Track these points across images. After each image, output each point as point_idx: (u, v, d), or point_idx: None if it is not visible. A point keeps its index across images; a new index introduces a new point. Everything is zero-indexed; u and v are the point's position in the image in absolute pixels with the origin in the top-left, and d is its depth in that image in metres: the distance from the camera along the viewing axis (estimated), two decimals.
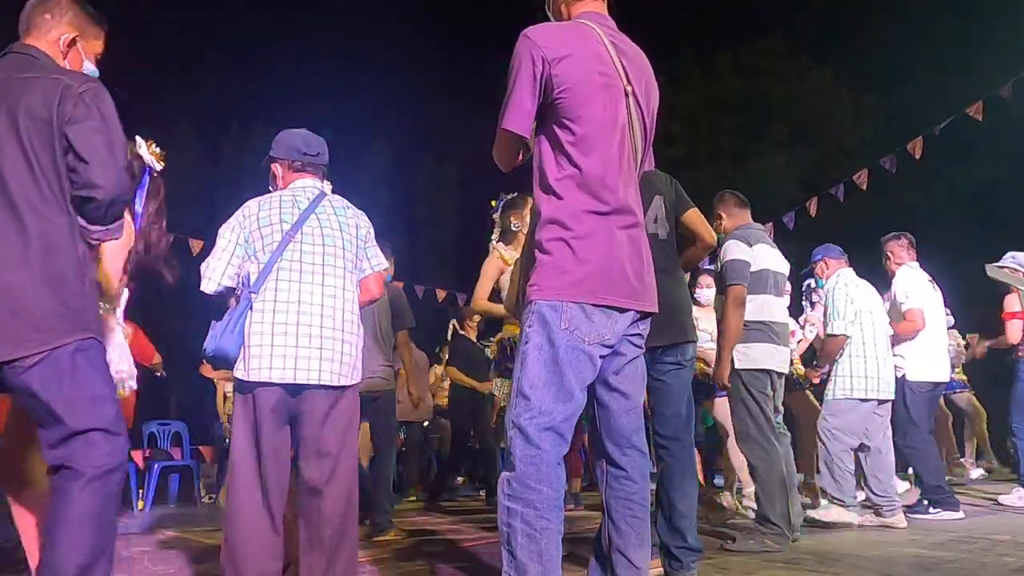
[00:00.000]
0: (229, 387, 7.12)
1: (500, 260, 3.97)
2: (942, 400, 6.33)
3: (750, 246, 3.71)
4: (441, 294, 9.37)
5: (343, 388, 2.42)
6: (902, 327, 4.65)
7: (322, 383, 2.35)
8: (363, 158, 19.25)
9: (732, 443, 5.03)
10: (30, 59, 1.93)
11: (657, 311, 1.99)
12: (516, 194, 4.03)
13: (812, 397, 5.58)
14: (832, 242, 4.84)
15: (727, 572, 3.03)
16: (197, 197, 16.41)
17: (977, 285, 5.41)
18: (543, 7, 2.11)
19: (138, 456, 6.98)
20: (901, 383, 4.63)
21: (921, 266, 4.95)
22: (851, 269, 4.64)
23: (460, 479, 9.31)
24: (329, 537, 2.34)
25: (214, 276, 2.42)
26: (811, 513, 4.29)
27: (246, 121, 18.22)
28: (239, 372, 2.32)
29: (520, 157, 1.98)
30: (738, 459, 5.12)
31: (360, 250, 2.57)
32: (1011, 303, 5.22)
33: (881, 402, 4.48)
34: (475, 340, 6.46)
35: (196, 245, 7.69)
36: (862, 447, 4.46)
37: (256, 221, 2.44)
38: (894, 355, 4.64)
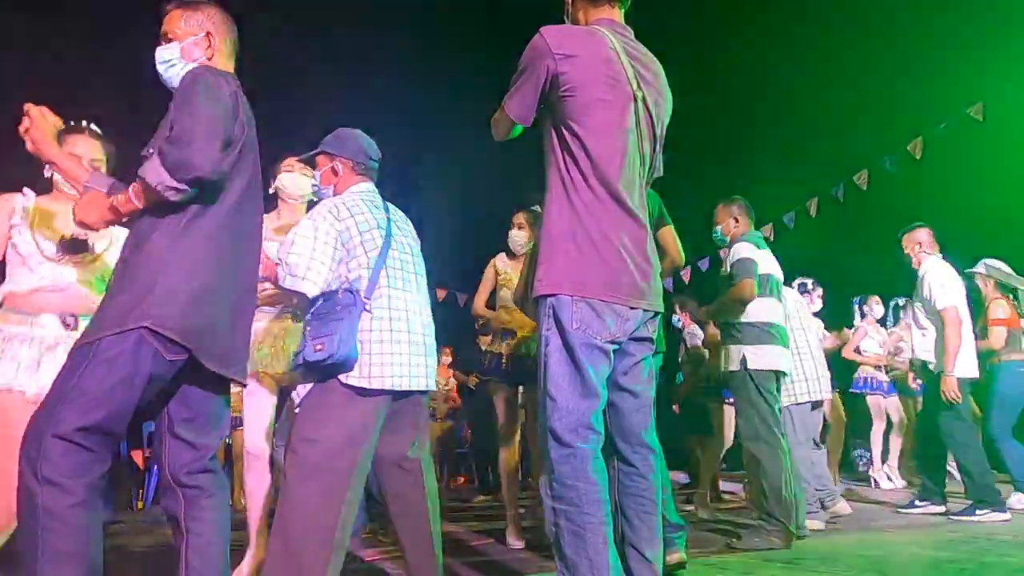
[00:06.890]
0: None
1: (492, 269, 4.17)
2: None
3: (758, 250, 3.87)
4: (441, 293, 9.32)
5: (431, 391, 2.55)
6: (948, 329, 4.56)
7: (428, 388, 2.45)
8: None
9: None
10: None
11: (663, 311, 2.03)
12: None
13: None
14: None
15: (727, 571, 3.03)
16: None
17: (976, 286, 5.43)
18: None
19: (138, 456, 6.94)
20: (939, 379, 4.61)
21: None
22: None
23: (461, 479, 9.28)
24: (430, 533, 2.47)
25: (318, 280, 2.30)
26: None
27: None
28: (353, 379, 2.25)
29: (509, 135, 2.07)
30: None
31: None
32: (995, 310, 5.26)
33: (816, 404, 4.48)
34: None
35: None
36: (817, 446, 4.55)
37: (355, 224, 2.37)
38: (924, 350, 4.79)
